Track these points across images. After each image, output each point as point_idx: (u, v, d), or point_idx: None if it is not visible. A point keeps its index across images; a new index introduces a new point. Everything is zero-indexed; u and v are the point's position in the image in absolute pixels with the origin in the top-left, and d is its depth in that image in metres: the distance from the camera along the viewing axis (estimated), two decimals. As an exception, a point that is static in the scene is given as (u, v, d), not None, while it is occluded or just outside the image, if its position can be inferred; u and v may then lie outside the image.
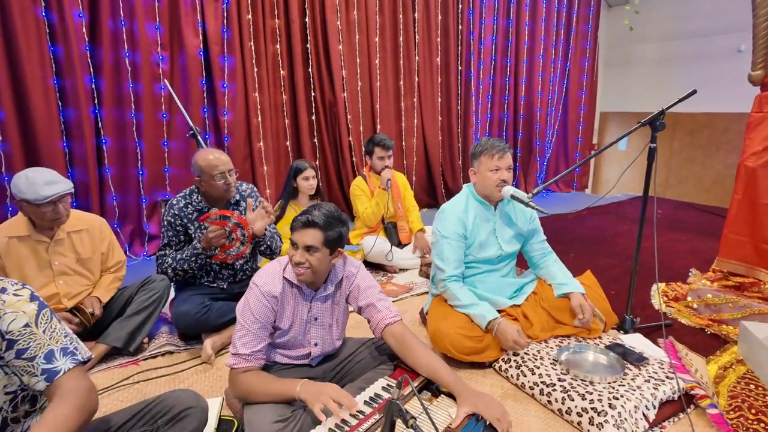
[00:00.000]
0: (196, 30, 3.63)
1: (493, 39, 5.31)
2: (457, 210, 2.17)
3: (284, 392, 1.42)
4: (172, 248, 2.36)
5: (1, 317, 1.07)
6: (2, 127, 3.05)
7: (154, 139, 3.64)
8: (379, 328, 1.59)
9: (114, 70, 3.40)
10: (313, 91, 4.27)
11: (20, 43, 3.01)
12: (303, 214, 1.52)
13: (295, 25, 4.06)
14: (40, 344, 1.09)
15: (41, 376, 1.07)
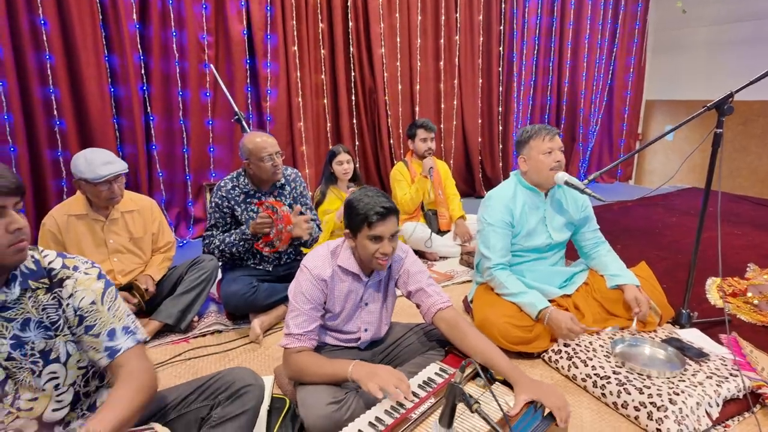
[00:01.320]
0: (240, 9, 3.65)
1: (537, 19, 5.13)
2: (505, 197, 2.12)
3: (336, 373, 1.43)
4: (219, 230, 2.40)
5: (73, 294, 1.11)
6: (58, 105, 3.16)
7: (199, 118, 3.69)
8: (430, 313, 1.58)
9: (162, 49, 3.46)
10: (353, 71, 4.24)
11: (74, 23, 3.10)
12: (371, 207, 1.46)
13: (337, 4, 4.02)
14: (104, 322, 1.13)
15: (104, 353, 1.12)
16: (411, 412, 1.23)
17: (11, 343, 1.05)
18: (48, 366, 1.09)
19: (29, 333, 1.07)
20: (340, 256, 1.58)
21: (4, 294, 1.04)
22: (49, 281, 1.10)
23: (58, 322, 1.10)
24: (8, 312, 1.05)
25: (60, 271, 1.12)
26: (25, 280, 1.07)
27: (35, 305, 1.08)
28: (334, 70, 4.18)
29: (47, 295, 1.10)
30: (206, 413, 1.25)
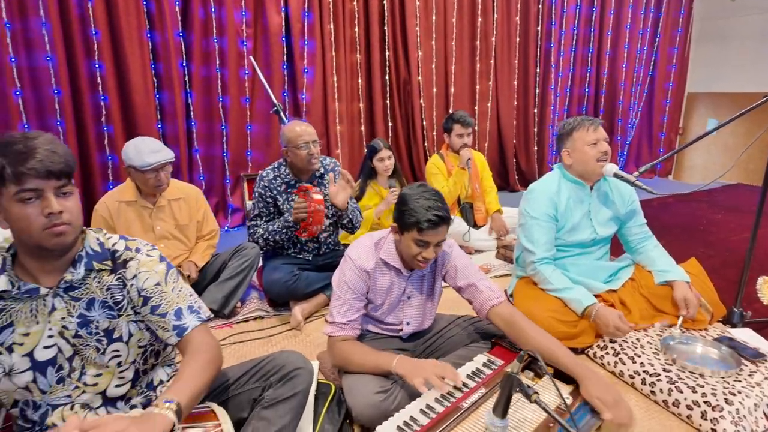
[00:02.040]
0: (279, 14, 3.69)
1: (577, 8, 4.99)
2: (549, 190, 2.07)
3: (380, 365, 1.43)
4: (263, 219, 2.44)
5: (136, 275, 1.15)
6: (107, 112, 3.28)
7: (239, 122, 3.77)
8: (484, 309, 1.56)
9: (203, 56, 3.54)
10: (388, 74, 4.25)
11: (123, 30, 3.20)
12: (426, 213, 1.43)
13: (374, 7, 4.03)
14: (170, 302, 1.16)
15: (173, 332, 1.15)
16: (462, 401, 1.23)
17: (78, 321, 1.10)
18: (111, 344, 1.14)
19: (94, 312, 1.11)
20: (383, 248, 1.58)
21: (70, 274, 1.08)
22: (112, 263, 1.14)
23: (121, 303, 1.14)
24: (75, 291, 1.10)
25: (123, 252, 1.16)
26: (90, 261, 1.11)
27: (99, 285, 1.12)
28: (370, 73, 4.18)
29: (111, 276, 1.14)
30: (258, 394, 1.28)
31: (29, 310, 1.07)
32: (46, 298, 1.07)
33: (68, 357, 1.10)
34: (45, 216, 1.00)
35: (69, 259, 1.09)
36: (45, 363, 1.08)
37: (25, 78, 3.03)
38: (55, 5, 3.00)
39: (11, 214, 1.00)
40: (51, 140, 1.04)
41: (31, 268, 1.07)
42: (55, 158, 1.01)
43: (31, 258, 1.06)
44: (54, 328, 1.08)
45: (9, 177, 0.97)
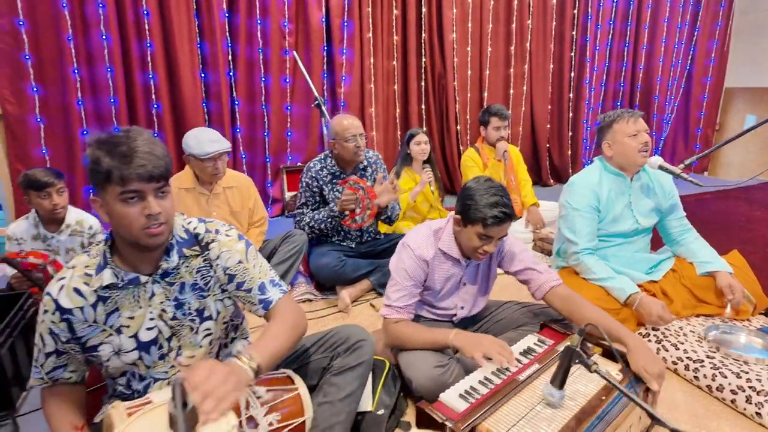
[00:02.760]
0: (320, 21, 3.81)
1: (613, 2, 4.95)
2: (590, 182, 2.13)
3: (437, 340, 1.53)
4: (309, 208, 2.56)
5: (220, 255, 1.23)
6: (156, 90, 3.45)
7: (279, 103, 3.90)
8: (542, 290, 1.63)
9: (247, 36, 3.67)
10: (424, 57, 4.31)
11: (172, 13, 3.35)
12: (491, 208, 1.47)
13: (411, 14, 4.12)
14: (253, 278, 1.25)
15: (259, 305, 1.25)
16: (517, 375, 1.31)
17: (174, 304, 1.19)
18: (203, 323, 1.23)
19: (186, 295, 1.20)
20: (442, 239, 1.65)
21: (165, 262, 1.16)
22: (198, 247, 1.22)
23: (209, 283, 1.23)
24: (169, 277, 1.18)
25: (204, 235, 1.23)
26: (180, 248, 1.19)
27: (188, 270, 1.21)
28: (406, 56, 4.26)
29: (198, 259, 1.22)
30: (327, 363, 1.39)
31: (132, 297, 1.16)
32: (146, 285, 1.16)
33: (167, 337, 1.19)
34: (145, 217, 1.06)
35: (163, 248, 1.17)
36: (148, 343, 1.18)
37: (82, 55, 3.22)
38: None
39: (114, 211, 1.07)
40: (150, 141, 1.10)
41: (131, 258, 1.15)
42: (156, 162, 1.07)
43: (131, 250, 1.14)
44: (154, 312, 1.17)
45: (115, 179, 1.03)
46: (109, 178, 1.04)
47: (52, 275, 2.15)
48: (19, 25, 3.02)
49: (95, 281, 1.12)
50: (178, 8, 3.36)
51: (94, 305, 1.13)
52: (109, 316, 1.14)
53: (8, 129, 3.13)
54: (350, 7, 3.90)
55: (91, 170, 1.07)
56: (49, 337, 1.15)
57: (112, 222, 1.10)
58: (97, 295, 1.13)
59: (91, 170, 1.07)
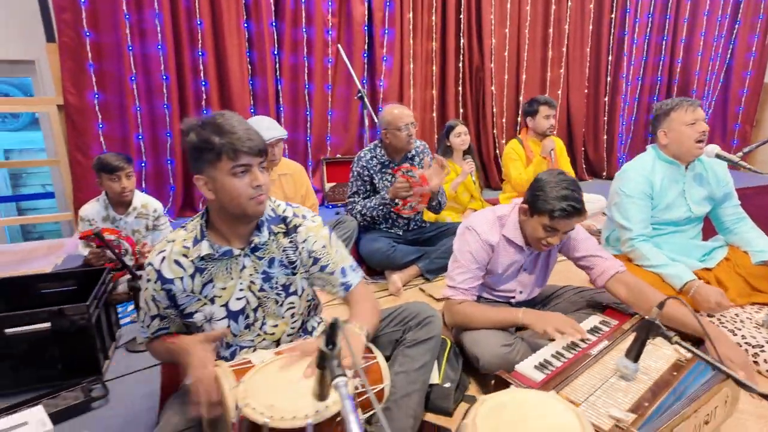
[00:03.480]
0: (362, 3, 3.87)
1: (650, 13, 4.91)
2: (644, 169, 2.14)
3: (505, 318, 1.58)
4: (360, 196, 2.64)
5: (306, 239, 1.32)
6: (207, 97, 3.59)
7: (320, 85, 3.97)
8: (605, 276, 1.66)
9: (292, 45, 3.78)
10: (462, 61, 4.34)
11: (224, 24, 3.47)
12: (562, 202, 1.48)
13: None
14: (336, 261, 1.34)
15: (340, 287, 1.34)
16: (589, 350, 1.36)
17: (262, 277, 1.28)
18: (288, 298, 1.32)
19: (274, 270, 1.29)
20: (506, 226, 1.70)
21: (257, 237, 1.25)
22: (285, 227, 1.32)
23: (295, 262, 1.32)
24: (259, 251, 1.28)
25: (292, 219, 1.33)
26: (269, 225, 1.29)
27: (277, 247, 1.30)
28: (444, 60, 4.30)
29: (285, 238, 1.31)
30: (399, 336, 1.45)
31: (225, 268, 1.25)
32: (238, 258, 1.26)
33: (254, 308, 1.29)
34: (253, 188, 1.17)
35: (254, 224, 1.27)
36: (237, 312, 1.28)
37: (139, 65, 3.36)
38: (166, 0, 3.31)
39: (224, 185, 1.16)
40: (246, 121, 1.20)
41: (225, 232, 1.25)
42: (260, 139, 1.19)
43: (227, 224, 1.24)
44: (244, 283, 1.27)
45: (229, 154, 1.13)
46: (220, 155, 1.13)
47: (126, 250, 2.29)
48: (82, 21, 3.16)
49: (193, 252, 1.22)
50: (229, 17, 3.48)
51: (192, 276, 1.23)
52: (204, 286, 1.24)
53: (69, 119, 3.29)
54: (392, 14, 3.98)
55: (199, 150, 1.16)
56: (152, 303, 1.26)
57: (218, 196, 1.18)
58: (194, 266, 1.23)
59: (198, 150, 1.16)
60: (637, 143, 5.30)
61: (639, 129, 5.30)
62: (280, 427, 0.81)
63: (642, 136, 5.34)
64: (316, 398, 0.80)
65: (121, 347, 1.94)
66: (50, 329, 1.61)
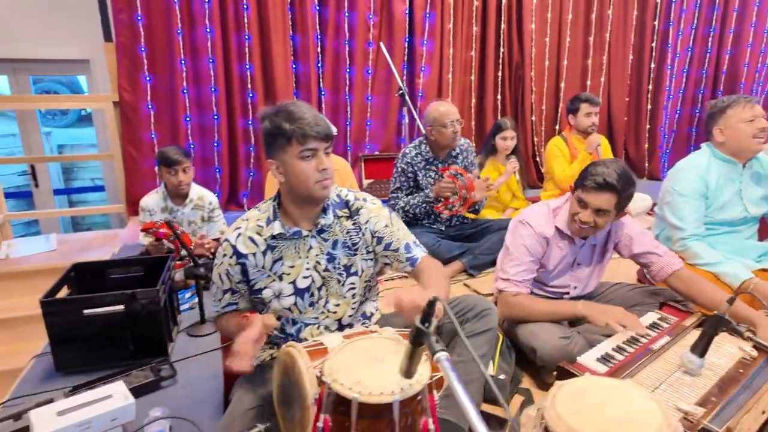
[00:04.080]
0: (403, 14, 3.91)
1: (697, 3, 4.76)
2: (698, 168, 2.10)
3: (563, 311, 1.60)
4: (403, 192, 2.68)
5: (369, 220, 1.40)
6: (252, 80, 3.67)
7: (360, 95, 4.03)
8: (664, 272, 1.66)
9: (335, 29, 3.83)
10: (502, 47, 4.30)
11: (269, 8, 3.54)
12: (596, 174, 1.52)
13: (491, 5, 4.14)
14: (399, 239, 1.41)
15: (406, 262, 1.40)
16: (651, 345, 1.36)
17: (326, 258, 1.37)
18: (349, 278, 1.40)
19: (337, 251, 1.38)
20: (558, 216, 1.72)
21: (323, 219, 1.35)
22: (348, 211, 1.40)
23: (357, 244, 1.39)
24: (324, 234, 1.37)
25: (354, 202, 1.42)
26: (334, 209, 1.38)
27: (341, 229, 1.38)
28: (484, 46, 4.28)
29: (348, 221, 1.39)
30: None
31: (294, 248, 1.35)
32: (306, 239, 1.35)
33: (318, 287, 1.37)
34: (319, 171, 1.25)
35: (320, 208, 1.36)
36: (303, 290, 1.36)
37: (188, 46, 3.49)
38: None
39: (293, 168, 1.25)
40: (314, 109, 1.29)
41: (294, 215, 1.34)
42: (326, 125, 1.28)
43: (296, 207, 1.33)
44: (310, 263, 1.36)
45: (298, 138, 1.22)
46: (290, 140, 1.23)
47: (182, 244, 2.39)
48: (137, 19, 3.31)
49: (266, 231, 1.33)
50: (274, 2, 3.56)
51: (264, 252, 1.33)
52: (274, 263, 1.34)
53: (123, 115, 3.44)
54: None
55: (272, 135, 1.25)
56: (225, 277, 1.36)
57: (288, 180, 1.28)
58: (267, 244, 1.33)
59: (272, 135, 1.25)
60: (680, 142, 5.15)
61: (683, 125, 5.15)
62: (368, 402, 0.86)
63: (685, 133, 5.19)
64: (403, 375, 0.84)
65: (183, 331, 2.04)
66: (123, 311, 1.71)
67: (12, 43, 3.85)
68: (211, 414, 1.52)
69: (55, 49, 3.95)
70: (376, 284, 1.57)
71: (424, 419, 0.93)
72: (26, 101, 3.83)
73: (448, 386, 1.35)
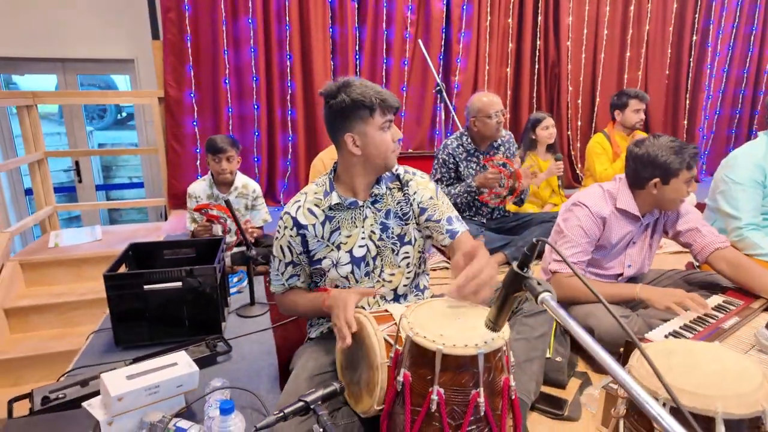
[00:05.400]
0: (441, 5, 3.94)
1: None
2: (755, 156, 2.05)
3: (621, 293, 1.57)
4: (443, 183, 2.68)
5: (417, 191, 1.43)
6: (291, 71, 3.75)
7: (396, 86, 4.05)
8: (706, 251, 1.63)
9: (373, 20, 3.88)
10: (539, 40, 4.29)
11: (310, 23, 3.64)
12: (682, 148, 1.56)
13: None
14: (442, 211, 1.43)
15: (446, 234, 1.41)
16: (721, 323, 1.33)
17: (380, 227, 1.40)
18: (403, 247, 1.43)
19: (390, 221, 1.41)
20: (619, 198, 1.70)
21: (377, 189, 1.39)
22: (399, 183, 1.44)
23: (408, 213, 1.43)
24: (378, 204, 1.41)
25: (404, 175, 1.45)
26: (386, 181, 1.42)
27: (393, 200, 1.42)
28: (520, 38, 4.27)
29: (399, 192, 1.43)
30: (516, 306, 1.48)
31: (350, 218, 1.39)
32: (362, 209, 1.39)
33: (373, 256, 1.40)
34: (394, 141, 1.33)
35: (375, 179, 1.40)
36: (359, 259, 1.40)
37: (230, 38, 3.58)
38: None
39: (373, 139, 1.30)
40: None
41: (352, 185, 1.38)
42: (390, 94, 1.32)
43: (361, 177, 1.37)
44: (366, 232, 1.39)
45: (382, 110, 1.28)
46: (373, 111, 1.28)
47: (230, 228, 2.45)
48: (184, 12, 3.41)
49: (324, 202, 1.37)
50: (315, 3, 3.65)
51: (323, 223, 1.37)
52: (332, 233, 1.38)
53: (168, 110, 3.55)
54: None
55: (352, 108, 1.28)
56: (287, 249, 1.41)
57: (366, 151, 1.31)
58: (325, 214, 1.38)
59: (352, 108, 1.28)
60: (719, 144, 5.03)
61: (722, 127, 5.02)
62: (453, 353, 0.86)
63: (725, 135, 5.06)
64: (490, 325, 0.84)
65: (233, 313, 2.07)
66: (181, 288, 1.75)
67: (61, 43, 4.02)
68: (268, 387, 1.54)
69: (102, 48, 4.10)
70: (429, 256, 1.58)
71: (504, 376, 0.92)
72: (76, 96, 3.99)
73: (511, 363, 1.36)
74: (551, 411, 1.37)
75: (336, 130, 1.33)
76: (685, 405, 0.71)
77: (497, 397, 0.91)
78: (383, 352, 1.07)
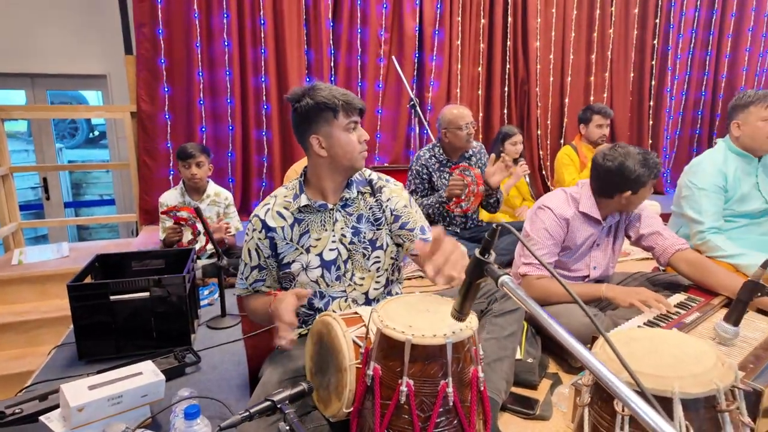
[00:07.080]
0: (414, 7, 4.05)
1: (696, 11, 4.93)
2: (716, 162, 2.15)
3: (588, 292, 1.62)
4: (418, 194, 2.72)
5: (390, 198, 1.45)
6: (267, 92, 3.77)
7: (371, 108, 4.12)
8: (667, 254, 1.69)
9: (347, 45, 3.96)
10: (508, 63, 4.44)
11: (285, 23, 3.67)
12: (646, 162, 1.65)
13: (499, 2, 4.29)
14: (416, 220, 1.45)
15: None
16: (683, 319, 1.37)
17: (351, 231, 1.41)
18: (374, 252, 1.43)
19: (362, 225, 1.42)
20: (581, 202, 1.76)
21: (347, 193, 1.40)
22: (371, 188, 1.46)
23: (381, 219, 1.44)
24: (349, 208, 1.42)
25: (377, 181, 1.48)
26: (358, 185, 1.44)
27: (365, 205, 1.44)
28: (491, 63, 4.41)
29: (371, 198, 1.45)
30: (485, 307, 1.50)
31: (320, 221, 1.40)
32: (331, 212, 1.40)
33: (344, 260, 1.41)
34: (360, 143, 1.34)
35: (345, 182, 1.41)
36: (329, 262, 1.40)
37: (205, 59, 3.60)
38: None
39: (339, 140, 1.32)
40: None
41: (321, 188, 1.40)
42: (355, 97, 1.35)
43: (326, 180, 1.38)
44: (336, 235, 1.40)
45: (345, 111, 1.30)
46: (337, 112, 1.30)
47: (199, 231, 2.41)
48: (158, 33, 3.42)
49: (294, 204, 1.38)
50: (290, 17, 3.69)
51: (292, 225, 1.38)
52: (301, 236, 1.39)
53: (140, 125, 3.51)
54: (442, 16, 4.12)
55: (316, 109, 1.31)
56: (255, 252, 1.41)
57: (331, 152, 1.33)
58: (294, 217, 1.38)
59: (316, 110, 1.32)
60: (680, 162, 5.25)
61: (683, 145, 5.27)
62: (421, 343, 0.86)
63: (686, 152, 5.29)
64: (456, 314, 0.85)
65: (203, 325, 2.03)
66: (149, 298, 1.71)
67: (31, 58, 3.96)
68: (238, 396, 1.50)
69: (73, 64, 4.06)
70: (404, 265, 1.59)
71: (473, 367, 0.93)
72: (45, 110, 3.90)
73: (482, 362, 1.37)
74: (523, 411, 1.38)
75: (302, 133, 1.35)
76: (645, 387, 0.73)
77: (466, 388, 0.92)
78: (351, 354, 1.06)
